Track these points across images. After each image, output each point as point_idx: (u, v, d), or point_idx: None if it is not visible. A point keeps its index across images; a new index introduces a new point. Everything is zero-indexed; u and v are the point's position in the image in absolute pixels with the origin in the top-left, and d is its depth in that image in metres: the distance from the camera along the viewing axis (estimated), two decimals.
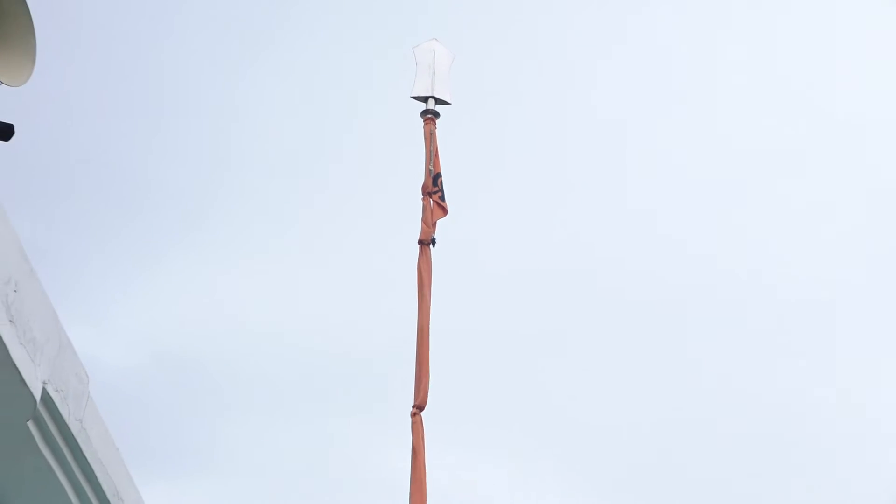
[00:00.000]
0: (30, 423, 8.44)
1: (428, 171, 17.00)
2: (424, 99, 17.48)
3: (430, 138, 17.20)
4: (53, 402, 8.52)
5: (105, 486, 9.38)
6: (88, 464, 9.13)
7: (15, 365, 7.93)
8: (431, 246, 16.77)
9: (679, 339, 51.91)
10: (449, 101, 17.55)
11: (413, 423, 15.81)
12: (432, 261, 16.78)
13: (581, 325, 51.60)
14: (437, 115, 17.46)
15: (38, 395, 8.26)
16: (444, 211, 16.88)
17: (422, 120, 17.51)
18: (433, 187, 16.91)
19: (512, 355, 51.37)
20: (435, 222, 16.84)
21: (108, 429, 9.64)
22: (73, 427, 8.82)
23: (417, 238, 16.90)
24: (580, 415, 52.14)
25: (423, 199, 17.02)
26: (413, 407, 15.94)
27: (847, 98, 50.31)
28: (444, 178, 17.01)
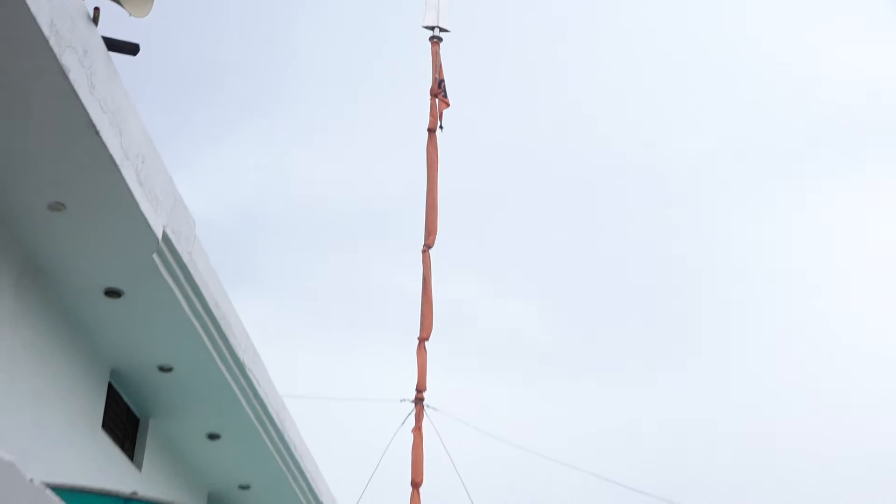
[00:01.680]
0: (154, 256, 8.80)
1: (435, 78, 17.43)
2: (432, 27, 17.91)
3: (436, 56, 17.65)
4: (170, 240, 8.87)
5: (207, 299, 9.73)
6: (195, 283, 9.48)
7: (143, 215, 8.29)
8: (439, 131, 17.22)
9: (605, 199, 52.50)
10: (449, 30, 17.95)
11: (424, 258, 16.22)
12: (438, 142, 17.22)
13: (537, 184, 52.16)
14: (440, 39, 17.87)
15: (159, 235, 8.62)
16: (447, 104, 17.30)
17: (430, 43, 17.91)
18: (438, 89, 17.36)
19: (495, 207, 51.74)
20: (441, 113, 17.23)
21: (209, 258, 9.93)
22: (185, 258, 9.17)
23: (427, 126, 17.32)
24: (543, 251, 52.68)
25: (431, 99, 17.44)
26: (424, 246, 16.32)
27: None
28: (446, 83, 17.47)
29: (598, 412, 50.31)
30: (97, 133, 7.47)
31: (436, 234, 16.49)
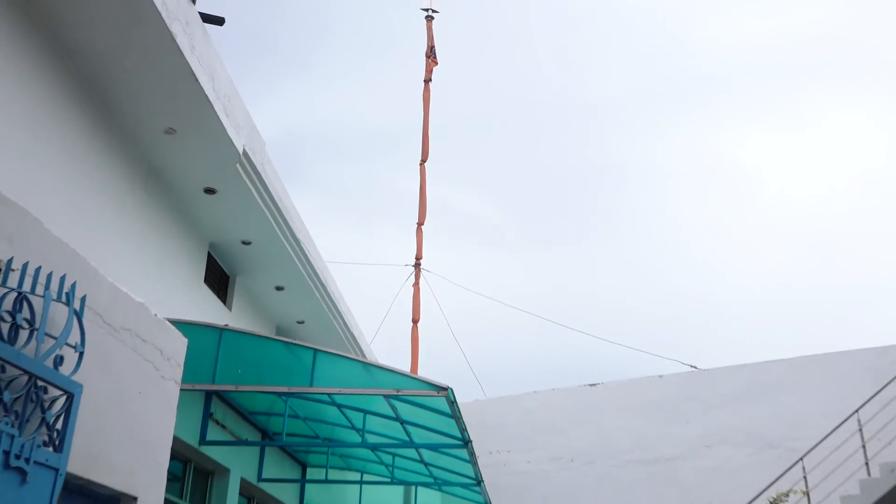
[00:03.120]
0: (237, 165, 8.83)
1: (428, 45, 17.10)
2: (427, 9, 17.49)
3: (429, 29, 17.28)
4: (248, 155, 8.89)
5: (273, 194, 9.78)
6: (266, 184, 9.52)
7: (229, 137, 8.31)
8: (430, 83, 16.98)
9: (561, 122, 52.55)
10: (438, 11, 17.54)
11: (420, 169, 16.10)
12: (430, 90, 16.95)
13: (503, 116, 52.18)
14: (432, 17, 17.47)
15: (240, 151, 8.64)
16: (436, 63, 17.01)
17: (425, 20, 17.55)
18: (430, 53, 17.05)
19: (470, 132, 51.75)
20: (432, 69, 16.96)
21: (273, 166, 9.97)
22: (258, 166, 9.20)
23: (423, 78, 17.06)
24: (502, 162, 52.80)
25: (426, 59, 17.13)
26: (420, 160, 16.19)
27: None
28: (436, 48, 17.17)
29: (539, 274, 51.35)
30: (196, 80, 7.46)
31: (428, 152, 16.40)
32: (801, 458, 12.15)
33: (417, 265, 15.68)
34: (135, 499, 5.60)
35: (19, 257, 4.50)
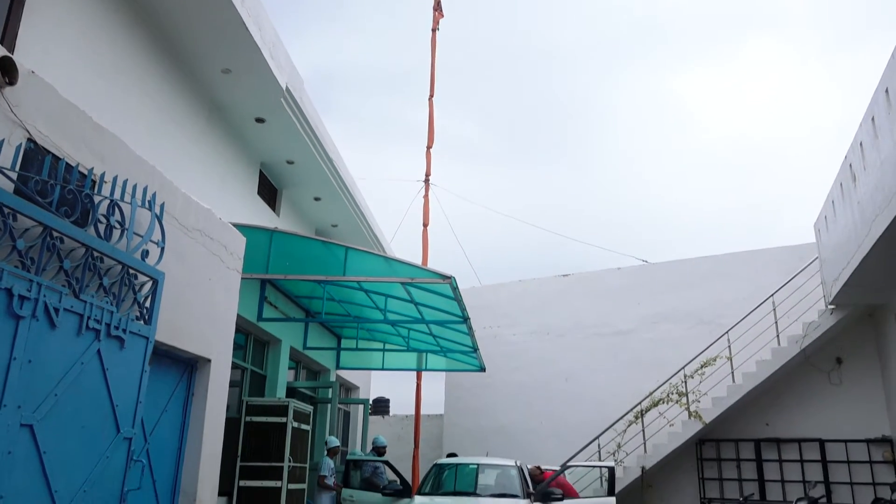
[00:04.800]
0: (281, 99, 8.66)
1: (434, 27, 16.25)
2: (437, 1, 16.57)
3: (437, 19, 16.41)
4: (290, 91, 8.70)
5: (311, 122, 9.63)
6: (305, 114, 9.36)
7: (274, 76, 8.13)
8: (437, 32, 16.28)
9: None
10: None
11: (429, 103, 15.52)
12: (437, 36, 16.26)
13: (494, 63, 50.63)
14: (440, 8, 16.56)
15: (284, 87, 8.46)
16: (442, 15, 16.19)
17: (433, 10, 16.64)
18: (437, 6, 16.24)
19: (465, 73, 50.49)
20: (438, 20, 16.25)
21: (311, 100, 9.76)
22: (298, 100, 9.02)
23: (431, 27, 16.32)
24: (492, 98, 51.71)
25: (433, 12, 16.36)
26: (429, 96, 15.70)
27: None
28: (442, 2, 16.33)
29: (522, 187, 51.08)
30: (247, 29, 7.27)
31: (435, 89, 15.88)
32: (727, 332, 12.39)
33: (427, 180, 15.52)
34: (209, 360, 5.77)
35: (110, 172, 4.50)
